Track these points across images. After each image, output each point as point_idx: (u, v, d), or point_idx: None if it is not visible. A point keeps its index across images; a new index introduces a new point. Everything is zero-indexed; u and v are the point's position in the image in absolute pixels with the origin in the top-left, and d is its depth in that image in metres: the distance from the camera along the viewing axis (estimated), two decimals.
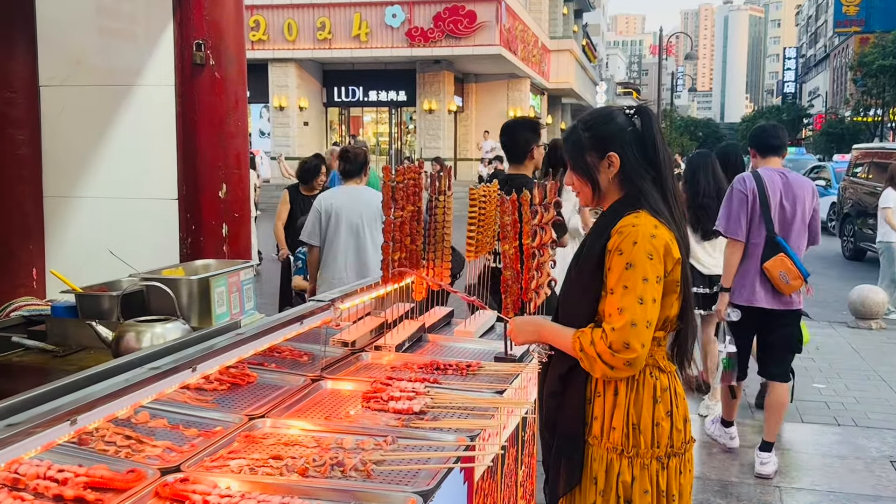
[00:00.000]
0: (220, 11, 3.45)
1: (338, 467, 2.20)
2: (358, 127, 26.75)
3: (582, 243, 2.56)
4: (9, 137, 3.51)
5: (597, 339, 2.14)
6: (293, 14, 22.98)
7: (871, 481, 5.01)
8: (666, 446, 2.27)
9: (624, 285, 2.15)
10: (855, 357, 8.12)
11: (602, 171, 2.35)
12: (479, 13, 22.36)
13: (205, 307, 2.77)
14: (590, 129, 2.39)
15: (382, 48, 23.15)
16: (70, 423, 1.77)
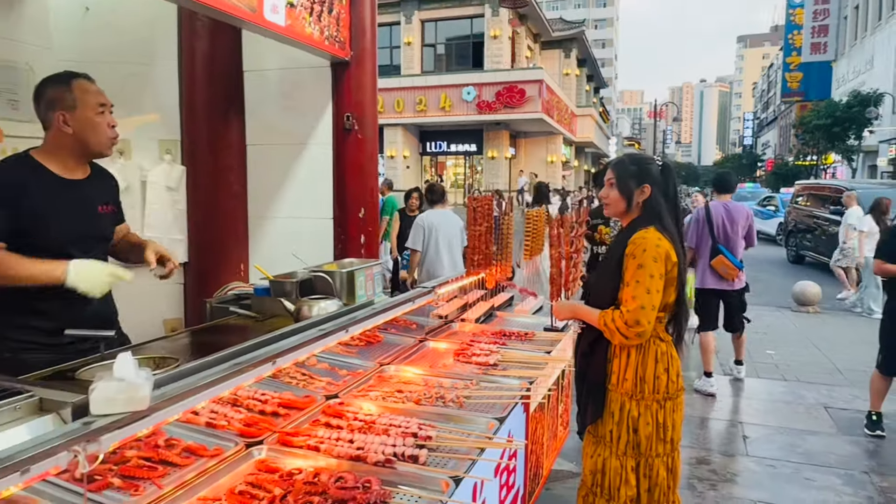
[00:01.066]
0: (361, 94, 3.49)
1: (440, 399, 2.23)
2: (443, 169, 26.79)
3: (608, 249, 2.69)
4: (227, 179, 3.60)
5: (616, 317, 2.23)
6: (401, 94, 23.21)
7: (808, 421, 4.84)
8: (663, 392, 2.32)
9: (636, 280, 2.23)
10: (796, 332, 7.85)
11: (636, 194, 2.38)
12: (527, 90, 22.17)
13: (351, 290, 2.79)
14: (635, 165, 2.43)
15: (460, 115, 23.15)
16: (271, 363, 1.85)
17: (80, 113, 2.11)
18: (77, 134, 2.14)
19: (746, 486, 3.79)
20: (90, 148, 2.20)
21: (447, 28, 25.39)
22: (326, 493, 1.51)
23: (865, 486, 3.79)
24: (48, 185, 2.13)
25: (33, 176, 2.11)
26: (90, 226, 2.27)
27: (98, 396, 1.30)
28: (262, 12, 2.82)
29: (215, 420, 1.96)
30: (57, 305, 2.13)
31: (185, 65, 3.64)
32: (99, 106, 2.16)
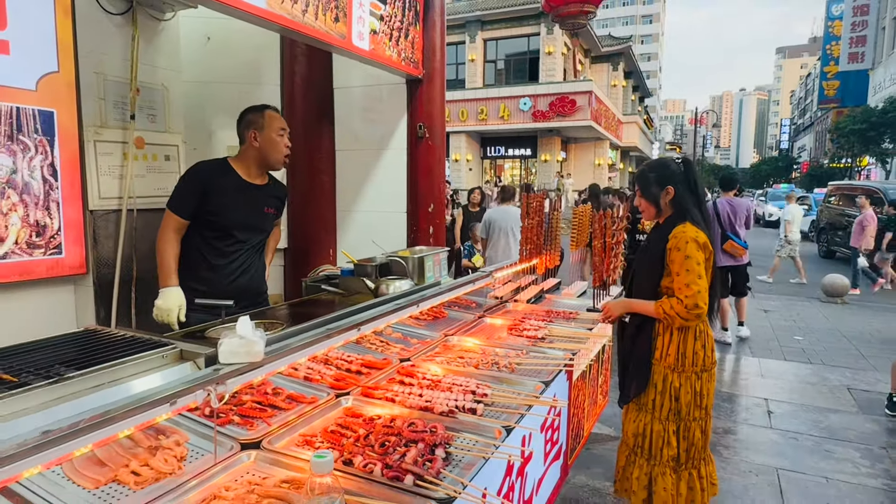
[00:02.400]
0: (432, 107, 3.53)
1: (495, 364, 2.28)
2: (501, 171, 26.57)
3: (644, 245, 2.53)
4: (320, 179, 3.70)
5: (675, 304, 2.22)
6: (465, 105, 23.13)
7: (831, 400, 4.61)
8: (700, 365, 2.33)
9: (686, 269, 2.21)
10: (824, 321, 7.41)
11: (662, 197, 2.37)
12: (578, 100, 21.65)
13: (421, 273, 2.82)
14: (654, 171, 2.41)
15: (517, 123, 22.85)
16: (356, 330, 1.95)
17: (266, 133, 2.45)
18: (262, 149, 2.47)
19: (770, 454, 3.67)
20: (268, 160, 2.51)
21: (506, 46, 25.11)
22: (401, 435, 1.61)
23: (883, 460, 3.60)
24: (234, 184, 2.46)
25: (223, 176, 2.44)
26: (256, 220, 2.58)
27: (225, 349, 1.44)
28: (350, 39, 2.92)
29: (311, 375, 2.09)
30: (216, 275, 2.47)
31: (286, 83, 3.79)
32: (280, 129, 2.48)
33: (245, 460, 1.52)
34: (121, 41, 2.83)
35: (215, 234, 2.44)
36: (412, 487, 1.38)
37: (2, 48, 2.14)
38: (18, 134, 2.23)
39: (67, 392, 1.24)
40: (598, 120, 23.31)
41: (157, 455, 1.47)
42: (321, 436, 1.65)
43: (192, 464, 1.49)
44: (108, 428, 1.14)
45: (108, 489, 1.36)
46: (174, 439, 1.55)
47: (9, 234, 2.22)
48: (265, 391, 1.91)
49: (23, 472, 1.00)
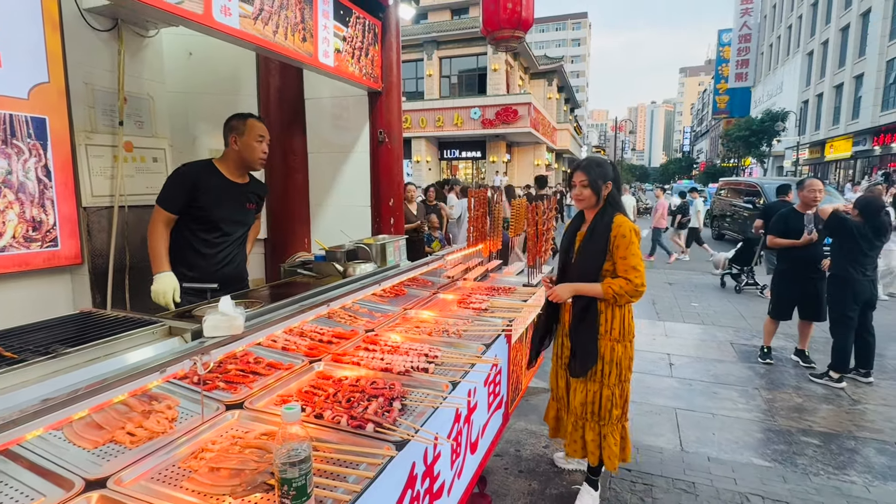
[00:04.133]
0: (390, 116, 3.48)
1: (445, 332, 2.31)
2: (456, 171, 26.54)
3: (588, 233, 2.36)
4: (294, 178, 3.61)
5: (624, 285, 2.20)
6: (424, 114, 22.88)
7: (718, 353, 4.90)
8: (632, 333, 2.39)
9: (632, 253, 2.21)
10: (715, 289, 7.79)
11: (603, 190, 2.32)
12: (519, 110, 21.79)
13: (384, 257, 2.78)
14: (601, 167, 2.34)
15: (469, 130, 22.80)
16: (327, 306, 1.95)
17: (245, 139, 2.40)
18: (241, 152, 2.42)
19: (670, 397, 3.88)
20: (247, 162, 2.45)
21: (459, 63, 24.98)
22: (364, 392, 1.63)
23: (755, 398, 3.87)
24: (219, 183, 2.40)
25: (209, 175, 2.38)
26: (239, 214, 2.51)
27: (209, 324, 1.42)
28: (317, 56, 2.86)
29: (288, 346, 2.07)
30: (205, 263, 2.40)
31: (262, 94, 3.68)
32: (258, 136, 2.42)
33: (229, 419, 1.51)
34: (107, 55, 2.68)
35: (203, 228, 2.38)
36: (373, 433, 1.40)
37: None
38: (12, 138, 2.10)
39: (65, 366, 1.20)
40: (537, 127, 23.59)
41: (151, 417, 1.44)
42: (296, 395, 1.66)
43: (182, 423, 1.47)
44: (104, 394, 1.12)
45: (106, 448, 1.33)
46: (166, 404, 1.52)
47: (6, 230, 2.10)
48: (248, 360, 1.89)
49: (25, 435, 0.97)
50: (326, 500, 1.12)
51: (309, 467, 0.99)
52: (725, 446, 3.17)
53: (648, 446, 3.15)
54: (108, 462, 1.26)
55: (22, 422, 0.96)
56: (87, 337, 1.33)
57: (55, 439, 1.34)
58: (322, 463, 1.25)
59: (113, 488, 1.16)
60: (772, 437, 3.29)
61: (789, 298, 4.43)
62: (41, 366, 1.16)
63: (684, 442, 3.22)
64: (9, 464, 1.22)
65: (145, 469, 1.25)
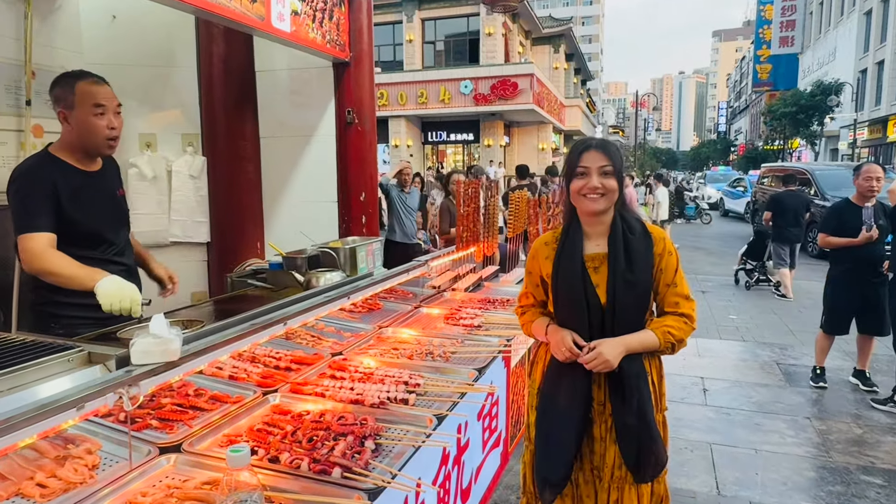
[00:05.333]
0: (360, 91, 3.52)
1: (429, 355, 2.34)
2: (444, 157, 26.64)
3: (619, 257, 1.76)
4: (244, 167, 3.62)
5: (681, 325, 1.77)
6: (403, 88, 22.93)
7: (762, 375, 4.97)
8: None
9: (682, 277, 1.82)
10: (757, 300, 7.92)
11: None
12: (520, 83, 21.92)
13: (353, 263, 2.79)
14: (620, 151, 1.88)
15: (458, 107, 22.90)
16: (283, 325, 1.96)
17: (77, 112, 2.03)
18: (76, 132, 2.07)
19: (704, 430, 3.93)
20: (87, 147, 2.11)
21: (445, 26, 25.12)
22: (330, 429, 1.64)
23: (806, 430, 3.94)
24: (74, 179, 2.08)
25: (60, 173, 2.06)
26: (114, 212, 2.27)
27: (138, 349, 1.42)
28: (269, 20, 2.88)
29: (237, 374, 2.08)
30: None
31: (203, 66, 3.68)
32: (95, 106, 2.03)
33: (164, 464, 1.51)
34: (11, 19, 2.68)
35: (85, 244, 2.11)
36: (340, 480, 1.42)
37: None
38: None
39: None
40: (541, 103, 23.77)
41: (66, 465, 1.44)
42: (246, 434, 1.66)
43: (105, 471, 1.47)
44: (8, 437, 1.11)
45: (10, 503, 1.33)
46: (85, 447, 1.52)
47: None
48: (186, 393, 1.89)
49: None
50: None
51: None
52: (771, 488, 3.22)
53: (678, 489, 3.19)
54: None
55: None
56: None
57: None
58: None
59: None
60: (826, 476, 3.34)
61: (846, 309, 4.50)
62: None
63: (721, 484, 3.27)
64: None
65: None
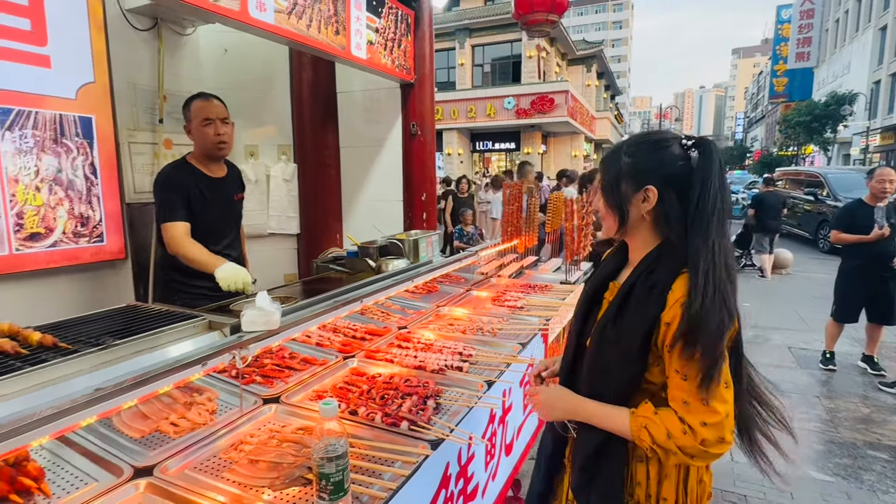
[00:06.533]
0: (423, 107, 3.53)
1: (479, 330, 2.34)
2: (488, 163, 26.41)
3: (618, 301, 1.12)
4: (327, 172, 3.68)
5: (677, 432, 1.02)
6: (456, 105, 22.86)
7: (774, 358, 4.72)
8: (706, 498, 1.18)
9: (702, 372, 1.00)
10: (770, 290, 7.52)
11: (635, 204, 1.11)
12: (556, 99, 21.43)
13: (416, 252, 2.81)
14: (633, 156, 1.12)
15: (502, 120, 22.63)
16: (360, 302, 2.00)
17: (193, 124, 2.20)
18: (195, 140, 2.22)
19: None
20: (204, 152, 2.23)
21: (492, 51, 24.82)
22: (398, 389, 1.67)
23: (816, 407, 3.72)
24: (203, 184, 2.22)
25: (192, 177, 2.20)
26: (230, 212, 2.41)
27: (247, 319, 1.49)
28: (349, 49, 2.92)
29: (322, 341, 2.15)
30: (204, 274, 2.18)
31: (295, 89, 3.77)
32: (204, 119, 2.16)
33: (267, 412, 1.58)
34: (148, 54, 2.83)
35: (205, 236, 2.20)
36: (407, 431, 1.44)
37: (44, 62, 2.15)
38: (62, 137, 2.25)
39: (114, 357, 1.29)
40: (574, 116, 23.18)
41: (193, 409, 1.53)
42: (331, 391, 1.72)
43: (221, 416, 1.55)
44: (151, 385, 1.19)
45: (151, 438, 1.43)
46: (206, 396, 1.61)
47: (57, 225, 2.26)
48: (283, 356, 1.97)
49: (80, 422, 1.06)
50: (362, 497, 1.17)
51: (346, 463, 1.04)
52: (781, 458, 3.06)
53: None
54: (154, 451, 1.35)
55: (76, 410, 1.04)
56: (134, 329, 1.42)
57: (105, 428, 1.45)
58: (357, 459, 1.30)
59: (159, 476, 1.24)
60: (834, 449, 3.15)
61: (856, 300, 4.22)
62: (93, 356, 1.25)
63: (735, 452, 3.13)
64: (65, 449, 1.33)
65: (189, 459, 1.33)
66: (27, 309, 2.18)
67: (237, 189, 2.46)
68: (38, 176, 2.18)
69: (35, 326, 1.40)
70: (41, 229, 2.20)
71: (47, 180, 2.21)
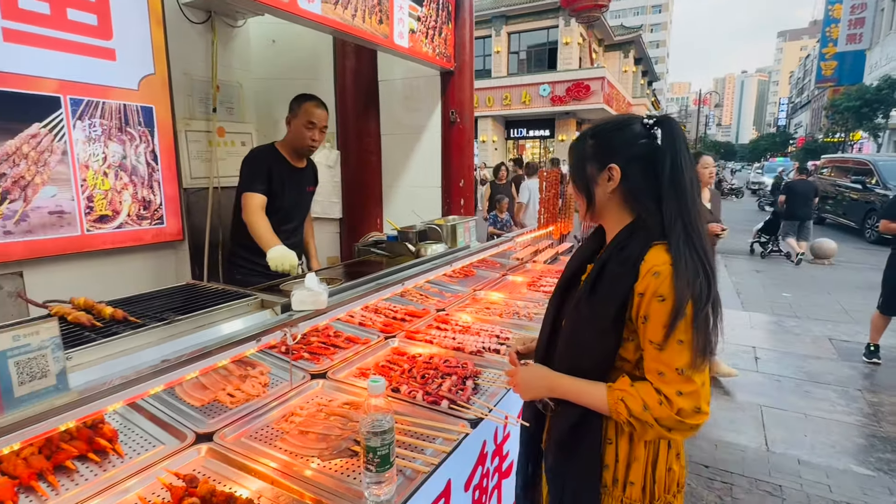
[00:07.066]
0: (462, 95, 3.48)
1: (515, 314, 2.34)
2: (522, 150, 25.98)
3: (593, 276, 1.08)
4: (369, 159, 3.70)
5: (653, 403, 0.99)
6: (491, 93, 22.53)
7: (814, 349, 4.51)
8: (676, 486, 1.15)
9: (679, 339, 0.98)
10: (812, 280, 7.15)
11: (600, 183, 1.10)
12: (592, 86, 20.80)
13: (454, 237, 2.78)
14: (596, 137, 1.13)
15: (537, 108, 22.16)
16: (401, 285, 2.02)
17: (296, 122, 2.33)
18: (291, 134, 2.37)
19: (755, 393, 3.65)
20: (294, 146, 2.39)
21: (528, 38, 24.25)
22: (438, 369, 1.69)
23: (857, 400, 3.54)
24: (284, 169, 2.38)
25: (276, 161, 2.36)
26: (301, 200, 2.55)
27: (296, 298, 1.53)
28: (392, 38, 2.91)
29: (365, 321, 2.19)
30: None
31: (339, 77, 3.79)
32: (308, 122, 2.32)
33: (314, 387, 1.63)
34: (202, 46, 2.90)
35: (274, 217, 2.30)
36: (447, 410, 1.46)
37: (110, 55, 2.23)
38: (126, 126, 2.34)
39: (177, 331, 1.35)
40: (610, 103, 22.47)
41: (247, 382, 1.59)
42: (374, 369, 1.75)
43: (273, 389, 1.61)
44: (210, 359, 1.24)
45: (210, 407, 1.49)
46: (259, 370, 1.67)
47: (123, 208, 2.36)
48: (328, 334, 2.02)
49: (149, 391, 1.11)
50: (406, 470, 1.19)
51: (392, 438, 1.05)
52: (819, 450, 2.94)
53: (729, 443, 3.00)
54: (213, 419, 1.42)
55: (146, 379, 1.10)
56: (194, 306, 1.48)
57: (169, 396, 1.52)
58: (400, 434, 1.32)
59: (218, 442, 1.30)
60: (876, 444, 3.00)
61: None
62: (159, 330, 1.31)
63: (770, 442, 3.03)
64: (135, 414, 1.41)
65: (244, 428, 1.39)
66: (96, 285, 2.30)
67: (311, 181, 2.61)
68: (105, 162, 2.28)
69: (107, 301, 1.48)
70: (109, 212, 2.31)
71: (114, 166, 2.31)
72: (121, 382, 1.03)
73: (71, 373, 0.98)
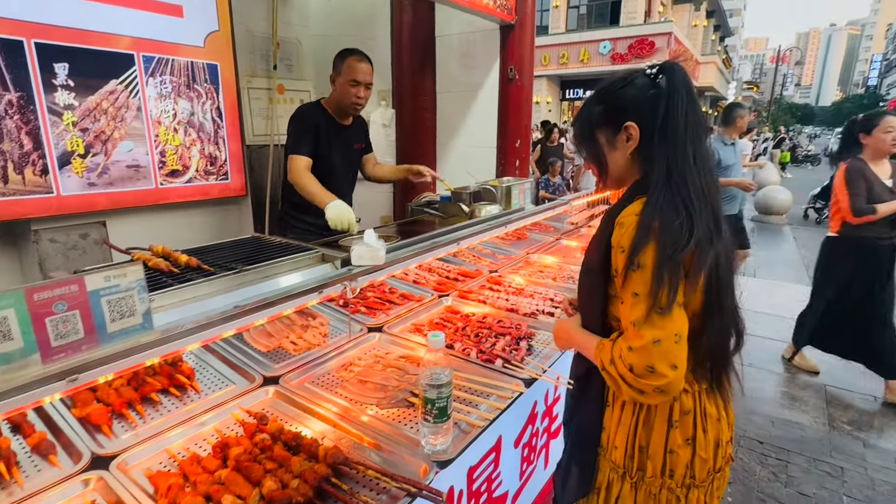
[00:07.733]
0: (522, 50, 3.33)
1: (570, 279, 2.25)
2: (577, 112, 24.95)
3: (596, 235, 1.09)
4: (423, 118, 3.66)
5: (616, 357, 0.96)
6: (547, 51, 21.48)
7: None
8: (684, 476, 1.05)
9: (634, 292, 0.93)
10: None
11: (620, 147, 1.04)
12: (657, 42, 19.39)
13: (508, 199, 2.72)
14: (603, 101, 1.06)
15: (596, 66, 20.99)
16: (456, 244, 2.00)
17: (340, 79, 2.23)
18: (337, 92, 2.26)
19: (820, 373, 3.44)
20: (340, 104, 2.29)
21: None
22: (491, 329, 1.69)
23: None
24: (330, 127, 2.30)
25: (323, 120, 2.28)
26: (349, 159, 2.47)
27: (356, 253, 1.55)
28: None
29: (419, 279, 2.21)
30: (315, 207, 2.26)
31: (395, 34, 3.71)
32: (352, 80, 2.20)
33: (371, 340, 1.68)
34: (264, 3, 2.90)
35: (323, 175, 2.24)
36: (501, 369, 1.46)
37: (177, 12, 2.28)
38: (193, 83, 2.41)
39: (246, 280, 1.41)
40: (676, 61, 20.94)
41: (308, 331, 1.66)
42: (428, 325, 1.77)
43: (332, 340, 1.67)
44: (276, 307, 1.29)
45: (275, 353, 1.57)
46: (319, 321, 1.73)
47: (191, 164, 2.47)
48: (384, 290, 2.06)
49: (222, 334, 1.18)
50: (461, 423, 1.21)
51: (450, 391, 1.07)
52: (890, 435, 2.76)
53: (787, 420, 2.87)
54: (278, 364, 1.49)
55: (220, 323, 1.16)
56: (260, 257, 1.54)
57: (238, 341, 1.61)
58: (455, 389, 1.34)
59: (284, 385, 1.38)
60: None
61: None
62: (229, 279, 1.37)
63: (833, 422, 2.87)
64: (209, 355, 1.51)
65: (307, 374, 1.46)
66: (168, 236, 2.44)
67: (360, 139, 2.51)
68: (175, 118, 2.37)
69: (182, 250, 1.56)
70: (179, 167, 2.42)
71: (183, 122, 2.40)
72: (197, 325, 1.09)
73: (153, 314, 1.04)
